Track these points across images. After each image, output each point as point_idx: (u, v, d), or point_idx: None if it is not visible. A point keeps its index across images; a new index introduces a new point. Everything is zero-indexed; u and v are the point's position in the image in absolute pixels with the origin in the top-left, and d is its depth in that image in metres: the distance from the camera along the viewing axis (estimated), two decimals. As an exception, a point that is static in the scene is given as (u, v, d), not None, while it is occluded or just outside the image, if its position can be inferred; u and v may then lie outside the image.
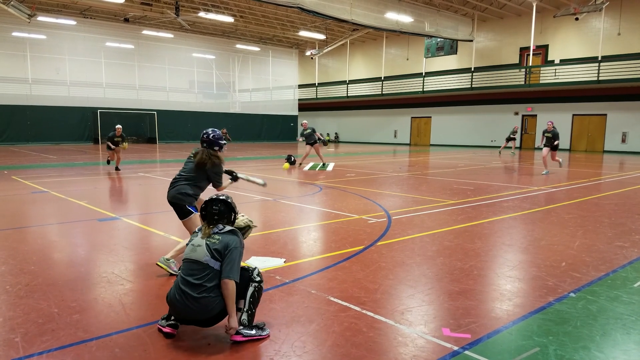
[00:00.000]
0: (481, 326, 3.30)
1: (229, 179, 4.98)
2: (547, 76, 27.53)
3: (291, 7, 21.22)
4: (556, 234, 6.16)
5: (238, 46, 36.78)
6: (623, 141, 25.94)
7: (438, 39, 30.12)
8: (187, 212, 4.48)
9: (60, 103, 29.63)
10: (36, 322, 3.31)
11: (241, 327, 3.02)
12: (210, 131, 4.59)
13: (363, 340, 3.07)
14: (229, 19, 28.86)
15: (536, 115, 28.89)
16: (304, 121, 16.36)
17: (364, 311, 3.53)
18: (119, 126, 14.07)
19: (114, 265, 4.72)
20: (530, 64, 27.87)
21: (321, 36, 33.83)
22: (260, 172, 14.10)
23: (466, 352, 2.91)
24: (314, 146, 15.56)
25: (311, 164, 16.13)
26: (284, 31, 35.08)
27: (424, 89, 33.00)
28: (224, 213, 3.23)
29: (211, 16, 27.22)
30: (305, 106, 41.86)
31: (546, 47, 28.41)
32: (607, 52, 25.35)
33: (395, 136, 36.94)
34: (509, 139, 23.42)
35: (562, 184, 11.62)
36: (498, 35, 30.71)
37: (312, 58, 37.96)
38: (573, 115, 27.67)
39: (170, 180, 4.74)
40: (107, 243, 5.63)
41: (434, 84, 32.58)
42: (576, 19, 25.13)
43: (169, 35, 32.51)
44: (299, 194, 10.09)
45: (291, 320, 3.38)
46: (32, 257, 4.94)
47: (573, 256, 5.09)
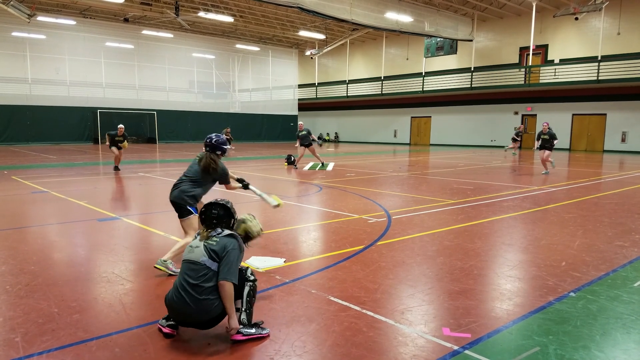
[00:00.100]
0: (481, 326, 3.30)
1: (240, 185, 5.01)
2: (547, 76, 27.52)
3: (291, 7, 21.21)
4: (556, 234, 6.16)
5: (238, 46, 36.76)
6: (623, 141, 25.94)
7: (438, 39, 30.12)
8: (187, 212, 4.56)
9: (60, 103, 29.62)
10: (36, 322, 3.32)
11: (241, 327, 3.03)
12: (214, 136, 4.67)
13: (363, 339, 3.08)
14: (229, 19, 28.85)
15: (536, 115, 28.89)
16: (300, 122, 16.43)
17: (364, 311, 3.54)
18: (122, 126, 13.88)
19: (114, 265, 4.73)
20: (530, 64, 27.87)
21: (321, 36, 33.81)
22: (260, 172, 14.11)
23: (466, 352, 2.91)
24: (309, 148, 15.57)
25: (311, 164, 16.14)
26: (284, 31, 35.07)
27: (424, 89, 32.98)
28: (223, 217, 3.26)
29: (211, 16, 27.21)
30: (305, 106, 41.85)
31: (546, 47, 28.41)
32: (607, 52, 25.34)
33: (395, 136, 36.94)
34: (515, 140, 23.13)
35: (562, 184, 11.62)
36: (498, 35, 30.70)
37: (312, 58, 37.94)
38: (573, 115, 27.67)
39: (170, 180, 4.74)
40: (107, 243, 5.63)
41: (434, 84, 32.56)
42: (576, 19, 25.13)
43: (169, 35, 32.50)
44: (299, 194, 10.10)
45: (291, 320, 3.38)
46: (32, 257, 4.94)
47: (573, 256, 5.09)
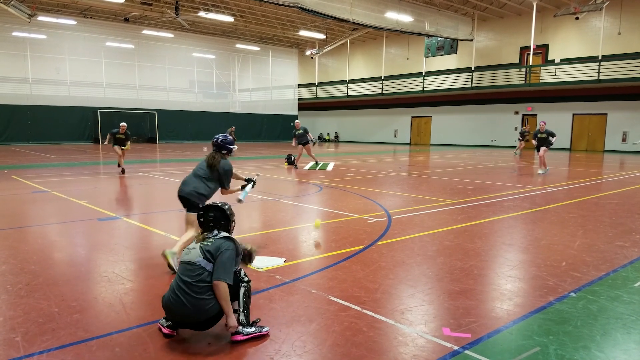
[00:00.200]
0: (481, 326, 3.30)
1: (244, 180, 5.10)
2: (548, 76, 27.50)
3: (291, 7, 21.21)
4: (556, 234, 6.15)
5: (238, 46, 36.76)
6: (623, 141, 25.91)
7: (438, 39, 30.12)
8: (196, 207, 4.62)
9: (60, 103, 29.64)
10: (36, 322, 3.32)
11: (240, 327, 3.04)
12: (220, 136, 4.80)
13: (363, 339, 3.08)
14: (229, 19, 28.85)
15: (536, 114, 28.85)
16: (297, 121, 16.27)
17: (364, 311, 3.54)
18: (124, 124, 13.38)
19: (115, 264, 4.73)
20: (530, 64, 27.85)
21: (321, 36, 33.80)
22: (260, 172, 14.07)
23: (466, 352, 2.91)
24: (305, 146, 15.49)
25: (311, 164, 16.12)
26: (284, 31, 35.06)
27: (424, 89, 32.96)
28: (220, 219, 3.30)
29: (211, 16, 27.21)
30: (305, 106, 41.85)
31: (546, 47, 28.39)
32: (608, 52, 25.33)
33: (395, 136, 36.93)
34: (520, 140, 22.83)
35: (563, 184, 11.61)
36: (498, 34, 30.69)
37: (312, 57, 37.93)
38: (573, 114, 27.65)
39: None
40: (108, 242, 5.63)
41: (434, 84, 32.55)
42: (576, 19, 25.12)
43: (169, 35, 32.51)
44: (299, 194, 10.10)
45: (291, 319, 3.38)
46: (33, 257, 4.94)
47: (573, 256, 5.09)
